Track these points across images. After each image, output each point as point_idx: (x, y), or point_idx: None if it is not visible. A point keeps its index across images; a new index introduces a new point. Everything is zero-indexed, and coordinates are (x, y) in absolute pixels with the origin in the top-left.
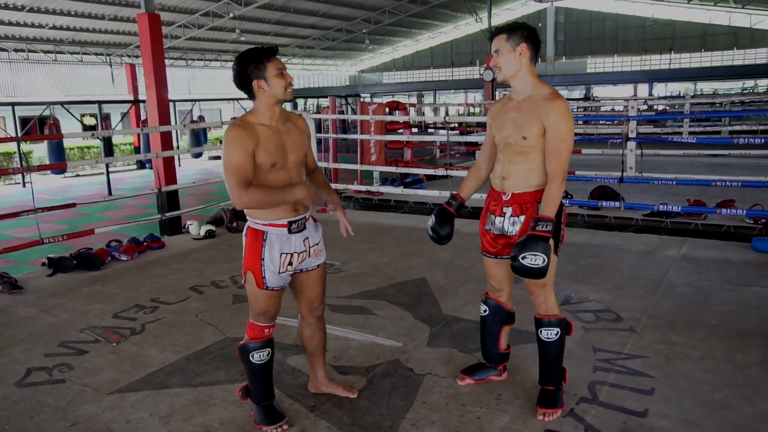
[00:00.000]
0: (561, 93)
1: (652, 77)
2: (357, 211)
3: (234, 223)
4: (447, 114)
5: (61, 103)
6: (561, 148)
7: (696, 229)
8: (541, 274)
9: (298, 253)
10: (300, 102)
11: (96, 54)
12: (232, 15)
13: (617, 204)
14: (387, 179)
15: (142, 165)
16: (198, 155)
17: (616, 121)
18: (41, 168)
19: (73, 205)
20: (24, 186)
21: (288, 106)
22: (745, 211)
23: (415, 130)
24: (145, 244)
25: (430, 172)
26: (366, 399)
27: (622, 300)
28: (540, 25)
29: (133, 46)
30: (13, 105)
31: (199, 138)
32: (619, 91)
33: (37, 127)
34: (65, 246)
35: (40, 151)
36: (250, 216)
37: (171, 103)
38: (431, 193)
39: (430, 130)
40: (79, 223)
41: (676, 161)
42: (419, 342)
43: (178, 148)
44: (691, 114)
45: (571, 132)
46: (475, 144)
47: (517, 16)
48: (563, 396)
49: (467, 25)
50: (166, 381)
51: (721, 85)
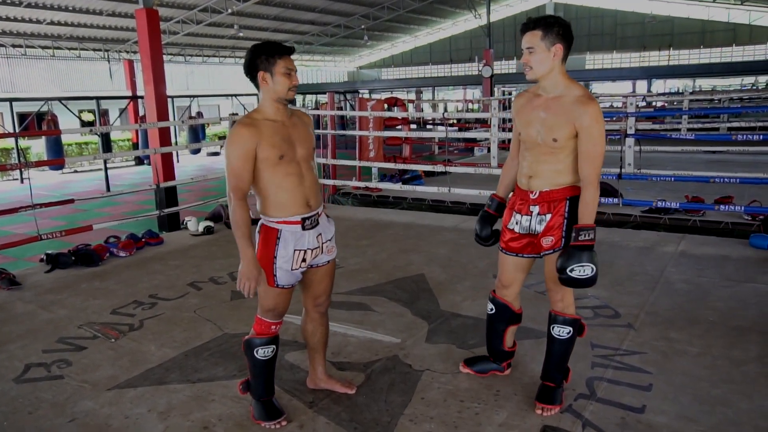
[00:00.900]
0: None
1: (651, 74)
2: (355, 208)
3: None
4: (446, 110)
5: (59, 99)
6: (595, 152)
7: (694, 226)
8: (591, 283)
9: (312, 250)
10: (299, 98)
11: (94, 50)
12: (230, 11)
13: (615, 200)
14: (385, 175)
15: (140, 161)
16: (196, 151)
17: (614, 118)
18: (39, 164)
19: (71, 201)
20: (22, 182)
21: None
22: (743, 208)
23: (413, 127)
24: (143, 240)
25: (429, 168)
26: (364, 395)
27: (620, 296)
28: None
29: (131, 42)
30: (10, 101)
31: (197, 134)
32: (618, 87)
33: (35, 122)
34: (63, 242)
35: (38, 147)
36: (264, 214)
37: (169, 99)
38: (430, 190)
39: (428, 127)
40: (77, 219)
41: (675, 158)
42: (418, 338)
43: (177, 144)
44: (690, 111)
45: (603, 136)
46: (474, 140)
47: (516, 12)
48: (563, 394)
49: (466, 21)
50: (164, 377)
51: (720, 82)
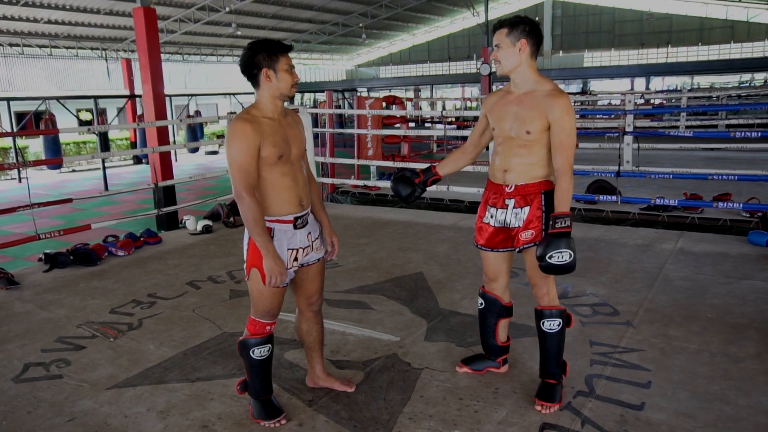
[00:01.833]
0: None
1: (649, 71)
2: (354, 206)
3: (231, 218)
4: (444, 108)
5: (57, 98)
6: (567, 143)
7: (693, 223)
8: (570, 269)
9: (303, 248)
10: (297, 96)
11: (92, 48)
12: (228, 9)
13: (614, 198)
14: (384, 174)
15: (138, 160)
16: (194, 150)
17: (613, 115)
18: (37, 163)
19: (69, 200)
20: (20, 181)
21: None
22: (741, 205)
23: (412, 125)
24: (141, 239)
25: (428, 166)
26: (364, 393)
27: (618, 294)
28: (537, 18)
29: (128, 41)
30: (8, 100)
31: (195, 133)
32: (616, 85)
33: (33, 122)
34: (62, 241)
35: (35, 146)
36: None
37: (167, 98)
38: (429, 188)
39: (427, 125)
40: (75, 219)
41: (673, 155)
42: (417, 336)
43: (175, 143)
44: (688, 108)
45: (574, 127)
46: None
47: (515, 9)
48: (562, 391)
49: (464, 20)
50: (163, 376)
51: (718, 79)
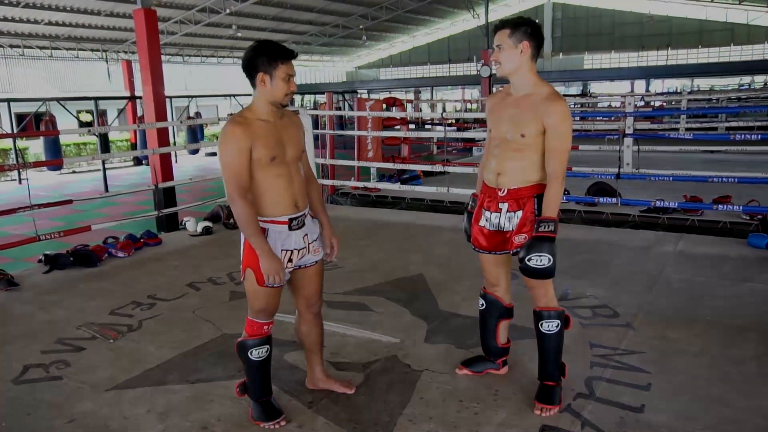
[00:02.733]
0: (558, 89)
1: (649, 73)
2: (354, 208)
3: (231, 220)
4: (444, 110)
5: (57, 100)
6: (561, 148)
7: (692, 225)
8: (548, 274)
9: (298, 250)
10: (297, 98)
11: (92, 50)
12: (228, 11)
13: (614, 200)
14: (384, 175)
15: (138, 161)
16: (195, 152)
17: (612, 118)
18: (37, 164)
19: (69, 201)
20: (20, 182)
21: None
22: (741, 207)
23: (412, 127)
24: (141, 240)
25: (428, 168)
26: (364, 395)
27: (618, 296)
28: (537, 21)
29: (129, 42)
30: (8, 101)
31: (195, 134)
32: (616, 87)
33: (33, 123)
34: (62, 243)
35: (36, 147)
36: None
37: (167, 100)
38: (428, 189)
39: (427, 127)
40: (75, 220)
41: (673, 157)
42: (417, 338)
43: (175, 144)
44: (688, 110)
45: (570, 133)
46: (472, 140)
47: (515, 11)
48: (562, 393)
49: (464, 22)
50: (163, 378)
51: (718, 82)
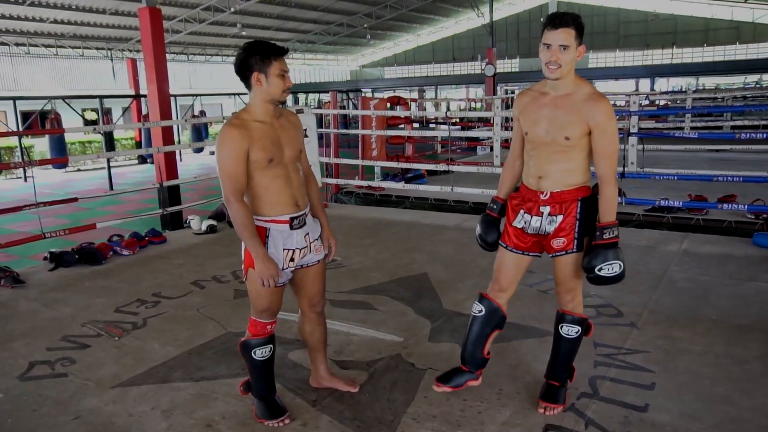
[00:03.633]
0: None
1: (654, 72)
2: (358, 206)
3: None
4: (448, 109)
5: (63, 98)
6: (611, 150)
7: (697, 225)
8: (619, 279)
9: (300, 249)
10: (301, 97)
11: (97, 48)
12: (233, 9)
13: (618, 199)
14: (388, 174)
15: (143, 160)
16: (199, 150)
17: (617, 116)
18: (43, 162)
19: (74, 199)
20: (25, 180)
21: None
22: (746, 207)
23: (416, 125)
24: (146, 238)
25: (432, 167)
26: (367, 393)
27: (623, 295)
28: (542, 19)
29: (134, 41)
30: (14, 99)
31: (200, 133)
32: (621, 86)
33: (39, 121)
34: (67, 240)
35: (41, 145)
36: (252, 213)
37: (172, 98)
38: (432, 189)
39: (431, 125)
40: (80, 218)
41: (678, 156)
42: (420, 337)
43: (180, 142)
44: (693, 109)
45: (617, 132)
46: (477, 139)
47: (519, 10)
48: (566, 393)
49: (468, 20)
50: (168, 375)
51: (724, 80)
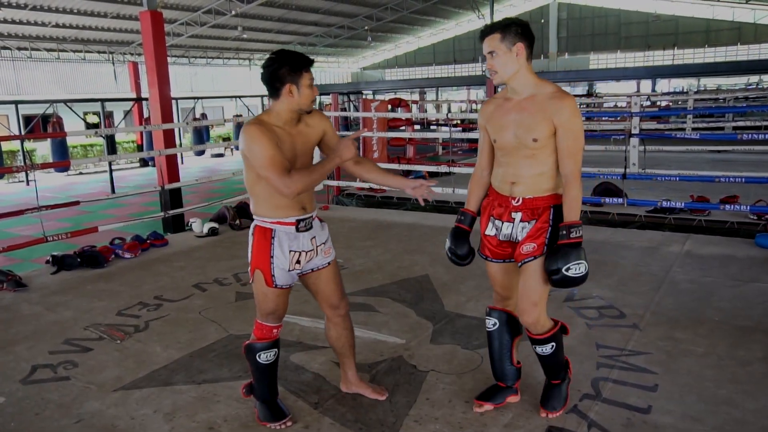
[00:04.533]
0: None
1: (656, 73)
2: (359, 208)
3: (237, 221)
4: (449, 111)
5: (65, 101)
6: (576, 148)
7: (699, 226)
8: (584, 281)
9: (306, 252)
10: None
11: (99, 52)
12: (234, 12)
13: (620, 200)
14: None
15: (145, 163)
16: (201, 153)
17: (618, 118)
18: (45, 166)
19: (76, 203)
20: (27, 184)
21: None
22: (748, 207)
23: (417, 127)
24: (148, 241)
25: (433, 169)
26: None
27: (625, 296)
28: (543, 21)
29: (135, 44)
30: (16, 103)
31: (201, 136)
32: (622, 87)
33: (41, 125)
34: (69, 244)
35: (43, 149)
36: (257, 215)
37: (173, 101)
38: (434, 190)
39: (432, 127)
40: (82, 221)
41: (680, 157)
42: (422, 339)
43: (181, 145)
44: (695, 110)
45: (582, 130)
46: (477, 141)
47: (520, 12)
48: (568, 388)
49: (469, 22)
50: (170, 378)
51: (725, 81)
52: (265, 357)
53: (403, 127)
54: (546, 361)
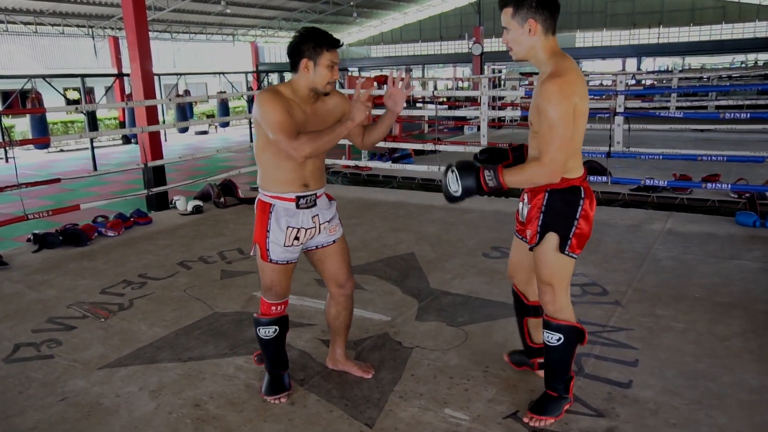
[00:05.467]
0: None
1: (641, 51)
2: (345, 186)
3: (221, 199)
4: (435, 88)
5: (44, 77)
6: (548, 135)
7: (681, 204)
8: (448, 198)
9: (306, 229)
10: (287, 75)
11: (78, 26)
12: None
13: (604, 179)
14: (375, 154)
15: (127, 140)
16: (184, 130)
17: (603, 96)
18: (24, 142)
19: (57, 180)
20: (7, 161)
21: (274, 79)
22: (729, 186)
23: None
24: (131, 219)
25: (419, 146)
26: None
27: (607, 273)
28: None
29: (116, 18)
30: None
31: (185, 112)
32: (608, 65)
33: (19, 100)
34: (51, 222)
35: (22, 125)
36: (261, 188)
37: (156, 77)
38: (419, 168)
39: (418, 105)
40: (64, 199)
41: (663, 136)
42: (408, 316)
43: (164, 122)
44: (679, 89)
45: (562, 117)
46: (464, 119)
47: None
48: (564, 406)
49: None
50: (155, 356)
51: (710, 60)
52: (263, 332)
53: None
54: (548, 354)
